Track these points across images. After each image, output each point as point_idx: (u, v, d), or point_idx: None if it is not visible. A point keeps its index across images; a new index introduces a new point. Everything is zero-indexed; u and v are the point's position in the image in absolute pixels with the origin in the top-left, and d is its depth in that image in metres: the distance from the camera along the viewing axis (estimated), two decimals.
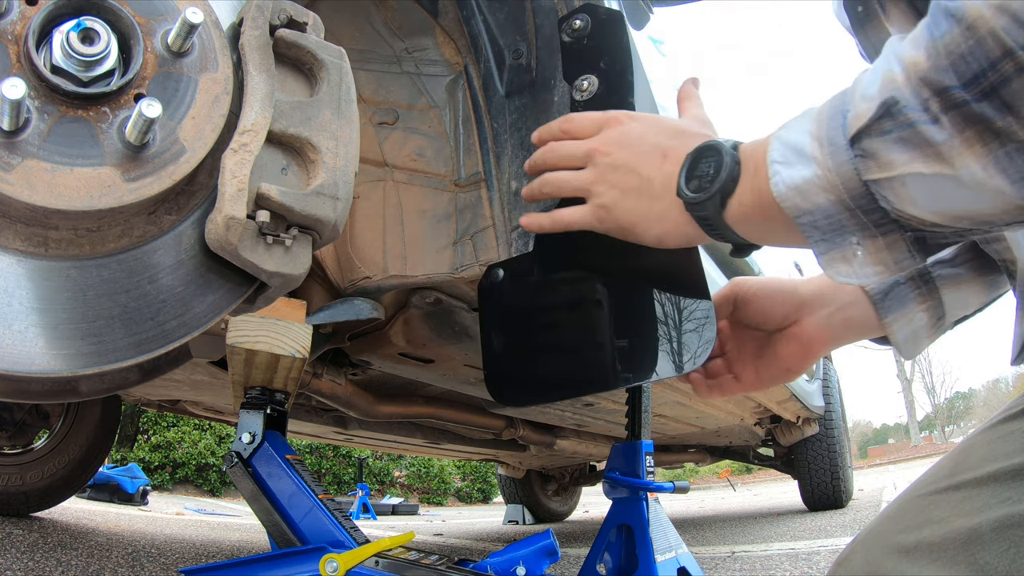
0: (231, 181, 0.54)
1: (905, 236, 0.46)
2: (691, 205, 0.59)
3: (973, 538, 0.41)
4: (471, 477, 12.91)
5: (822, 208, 0.48)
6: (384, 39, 1.07)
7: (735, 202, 0.56)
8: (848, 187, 0.46)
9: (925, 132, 0.42)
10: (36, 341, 0.49)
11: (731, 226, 0.57)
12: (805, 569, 1.67)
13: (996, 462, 0.45)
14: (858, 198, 0.46)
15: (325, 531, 0.93)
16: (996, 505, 0.42)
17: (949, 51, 0.39)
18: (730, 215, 0.56)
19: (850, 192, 0.46)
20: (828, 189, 0.47)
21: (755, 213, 0.54)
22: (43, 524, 2.12)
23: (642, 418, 1.24)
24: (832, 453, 3.32)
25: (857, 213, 0.47)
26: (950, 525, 0.43)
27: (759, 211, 0.54)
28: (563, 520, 4.47)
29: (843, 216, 0.48)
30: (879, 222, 0.46)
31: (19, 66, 0.49)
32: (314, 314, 1.04)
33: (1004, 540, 0.40)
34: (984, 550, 0.40)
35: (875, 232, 0.47)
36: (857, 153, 0.45)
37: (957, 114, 0.40)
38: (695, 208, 0.58)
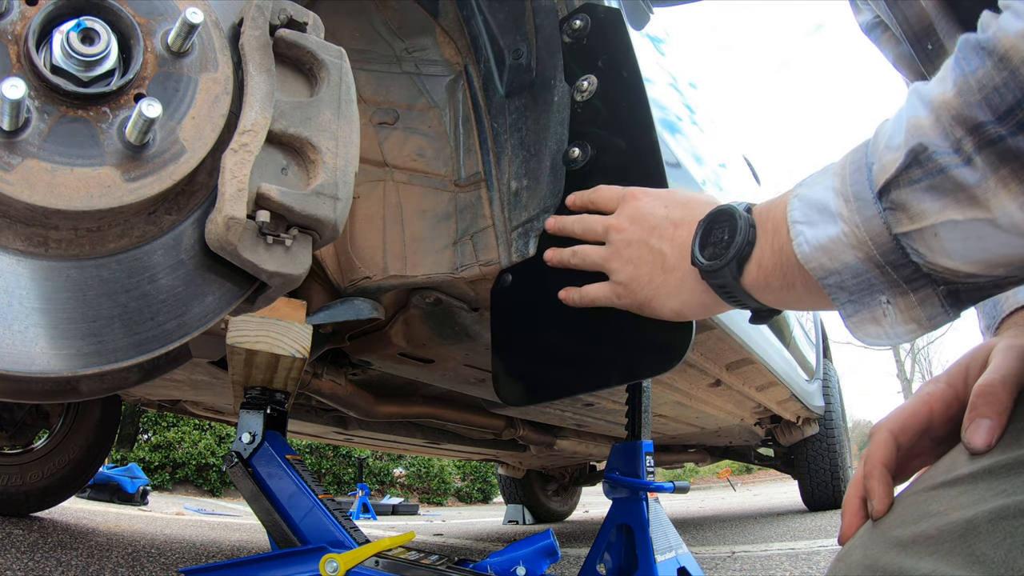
0: (231, 181, 0.54)
1: (938, 290, 0.45)
2: (707, 273, 0.58)
3: (969, 530, 0.41)
4: (471, 477, 12.91)
5: (850, 267, 0.47)
6: (384, 39, 1.07)
7: (753, 267, 0.55)
8: (878, 243, 0.45)
9: (957, 176, 0.40)
10: (36, 341, 0.49)
11: (750, 292, 0.56)
12: (805, 569, 1.67)
13: (991, 457, 0.46)
14: (888, 254, 0.45)
15: (325, 531, 0.93)
16: (991, 497, 0.42)
17: (982, 85, 0.38)
18: (748, 281, 0.55)
19: (880, 248, 0.45)
20: (857, 247, 0.46)
21: (775, 276, 0.53)
22: (43, 524, 2.12)
23: (642, 418, 1.24)
24: (832, 453, 3.32)
25: (887, 270, 0.45)
26: (946, 518, 0.43)
27: (780, 273, 0.53)
28: (563, 520, 4.47)
29: (872, 274, 0.46)
30: (910, 278, 0.45)
31: (19, 66, 0.49)
32: (314, 314, 1.04)
33: (1000, 531, 0.40)
34: (981, 541, 0.40)
35: (906, 289, 0.46)
36: (886, 206, 0.44)
37: (991, 152, 0.39)
38: (711, 276, 0.58)
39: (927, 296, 0.45)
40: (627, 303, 0.69)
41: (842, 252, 0.47)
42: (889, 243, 0.44)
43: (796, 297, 0.53)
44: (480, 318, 1.17)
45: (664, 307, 0.65)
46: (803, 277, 0.50)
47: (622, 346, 0.82)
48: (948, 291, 0.45)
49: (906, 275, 0.45)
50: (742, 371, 1.92)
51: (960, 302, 0.46)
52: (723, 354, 1.69)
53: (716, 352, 1.66)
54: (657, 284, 0.65)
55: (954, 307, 0.46)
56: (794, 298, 0.54)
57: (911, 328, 0.47)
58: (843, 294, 0.48)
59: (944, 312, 0.46)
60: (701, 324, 1.33)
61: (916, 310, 0.46)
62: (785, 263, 0.52)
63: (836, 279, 0.48)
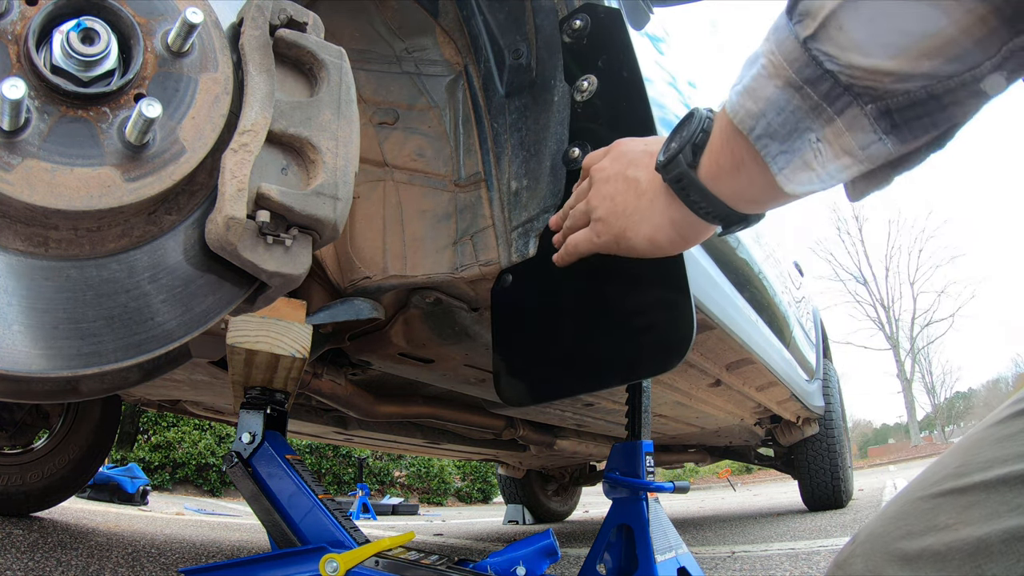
0: (231, 181, 0.54)
1: (866, 110, 0.41)
2: (664, 167, 0.57)
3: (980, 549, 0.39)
4: (471, 477, 12.91)
5: (772, 101, 0.44)
6: (384, 39, 1.07)
7: (706, 156, 0.54)
8: (791, 59, 0.42)
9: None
10: (36, 341, 0.49)
11: (706, 185, 0.55)
12: (805, 569, 1.67)
13: (1006, 465, 0.43)
14: (802, 69, 0.42)
15: (325, 531, 0.93)
16: (1006, 514, 0.40)
17: None
18: (703, 171, 0.55)
19: (794, 65, 0.42)
20: (775, 74, 0.44)
21: (725, 155, 0.52)
22: (43, 524, 2.12)
23: (642, 418, 1.24)
24: (832, 453, 3.32)
25: (806, 91, 0.42)
26: (956, 533, 0.41)
27: (728, 149, 0.51)
28: (563, 520, 4.47)
29: (794, 103, 0.43)
30: (831, 94, 0.42)
31: (19, 66, 0.49)
32: (314, 314, 1.04)
33: (1013, 552, 0.38)
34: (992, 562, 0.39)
35: (830, 113, 0.42)
36: (796, 20, 0.42)
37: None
38: (668, 169, 0.57)
39: (855, 118, 0.42)
40: (606, 240, 0.68)
41: (763, 87, 0.45)
42: (802, 56, 0.42)
43: (747, 178, 0.51)
44: (480, 318, 1.17)
45: (637, 236, 0.64)
46: (746, 144, 0.48)
47: (623, 346, 0.82)
48: (878, 111, 0.41)
49: (825, 91, 0.42)
50: (742, 371, 1.92)
51: (896, 126, 0.42)
52: (723, 354, 1.69)
53: (716, 352, 1.66)
54: (631, 211, 0.64)
55: (891, 133, 0.42)
56: (745, 180, 0.51)
57: (844, 163, 0.44)
58: (773, 144, 0.45)
59: (879, 139, 0.42)
60: (701, 324, 1.33)
61: (845, 137, 0.43)
62: (728, 133, 0.50)
63: (763, 125, 0.45)
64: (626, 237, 0.65)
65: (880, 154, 0.42)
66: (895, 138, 0.42)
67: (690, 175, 0.55)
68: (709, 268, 1.32)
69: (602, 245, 0.69)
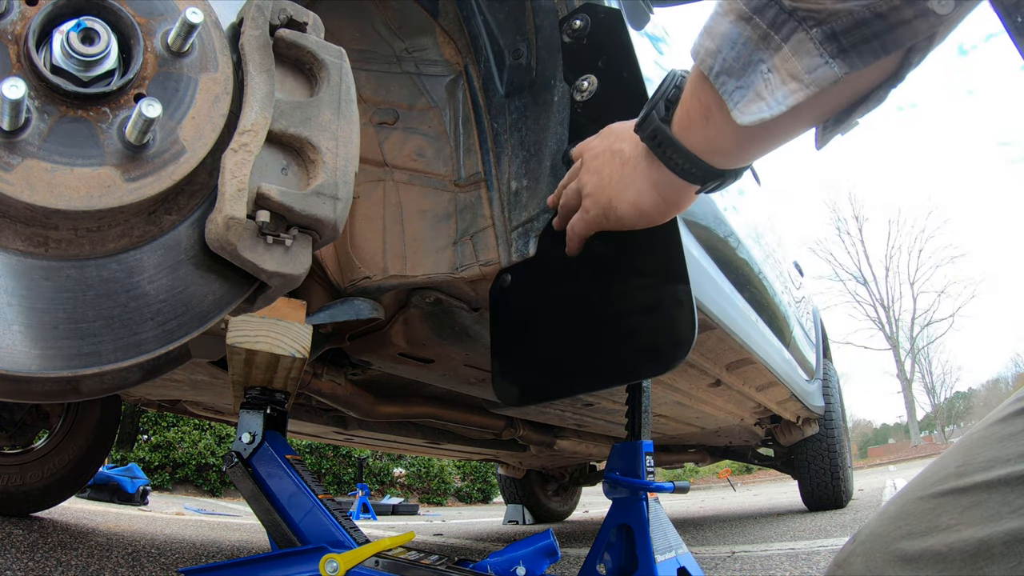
0: (231, 181, 0.54)
1: (812, 34, 0.42)
2: (641, 126, 0.58)
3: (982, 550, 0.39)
4: (471, 477, 12.90)
5: (727, 37, 0.45)
6: (384, 39, 1.07)
7: (679, 110, 0.55)
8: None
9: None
10: (36, 341, 0.49)
11: (679, 139, 0.56)
12: (805, 569, 1.67)
13: (1008, 465, 0.43)
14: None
15: (325, 531, 0.93)
16: (1008, 515, 0.40)
17: None
18: (676, 125, 0.56)
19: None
20: (728, 10, 0.45)
21: (694, 106, 0.52)
22: (43, 524, 2.12)
23: (642, 418, 1.24)
24: (832, 453, 3.32)
25: (755, 21, 0.43)
26: (957, 534, 0.41)
27: (696, 100, 0.52)
28: (563, 520, 4.47)
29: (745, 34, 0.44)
30: (777, 21, 0.42)
31: (19, 66, 0.49)
32: (314, 314, 1.04)
33: (1015, 555, 0.38)
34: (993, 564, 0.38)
35: (778, 40, 0.43)
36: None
37: None
38: (644, 127, 0.58)
39: (800, 43, 0.42)
40: (595, 215, 0.69)
41: (718, 24, 0.46)
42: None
43: (715, 126, 0.52)
44: (480, 318, 1.17)
45: (622, 203, 0.65)
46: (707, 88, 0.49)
47: (623, 346, 0.82)
48: (823, 34, 0.42)
49: (771, 18, 0.43)
50: (742, 371, 1.92)
51: (844, 51, 0.42)
52: (723, 354, 1.69)
53: (716, 352, 1.66)
54: (616, 180, 0.65)
55: (838, 57, 0.42)
56: (714, 128, 0.52)
57: (792, 88, 0.44)
58: (731, 81, 0.46)
59: (825, 63, 0.42)
60: (702, 324, 1.33)
61: (792, 62, 0.43)
62: (695, 83, 0.51)
63: (720, 61, 0.46)
64: (612, 207, 0.66)
65: (827, 77, 0.42)
66: (843, 61, 0.42)
67: (664, 130, 0.56)
68: (709, 268, 1.32)
69: (592, 220, 0.70)
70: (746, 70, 0.45)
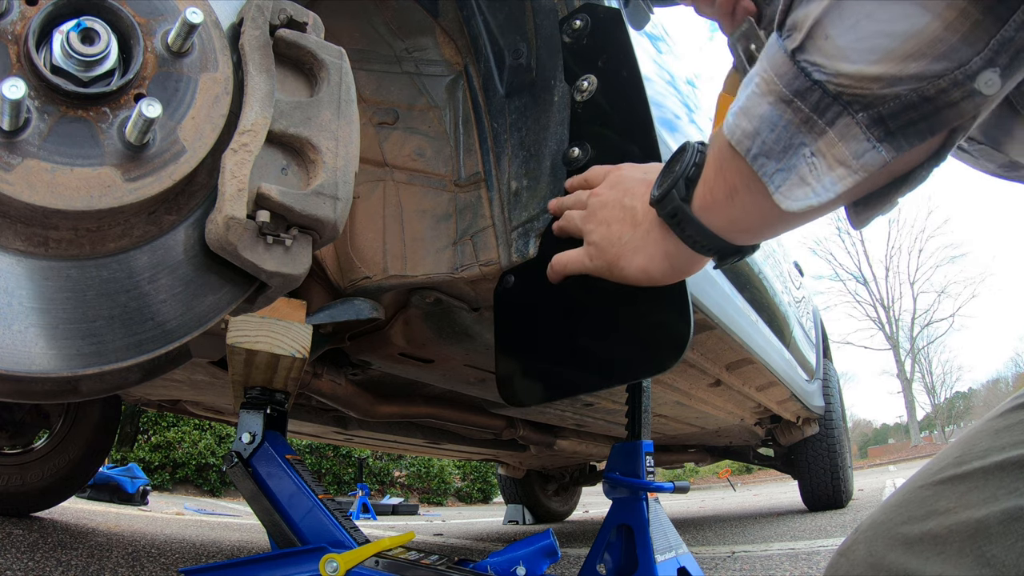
0: (231, 181, 0.54)
1: (858, 118, 0.40)
2: (658, 202, 0.57)
3: (980, 530, 0.40)
4: (471, 477, 12.91)
5: (766, 118, 0.44)
6: (384, 39, 1.07)
7: (700, 188, 0.53)
8: (781, 74, 0.42)
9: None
10: (36, 341, 0.49)
11: (700, 218, 0.54)
12: (805, 569, 1.67)
13: (1003, 452, 0.44)
14: (792, 82, 0.41)
15: (325, 531, 0.93)
16: (1004, 496, 0.41)
17: None
18: (696, 203, 0.54)
19: (784, 79, 0.42)
20: (767, 91, 0.43)
21: (718, 184, 0.51)
22: (43, 524, 2.12)
23: (642, 418, 1.24)
24: (832, 453, 3.32)
25: (797, 104, 0.42)
26: (956, 516, 0.42)
27: (721, 177, 0.50)
28: (563, 520, 4.47)
29: (786, 118, 0.42)
30: (821, 106, 0.41)
31: (19, 66, 0.49)
32: (314, 314, 1.04)
33: (1012, 533, 0.39)
34: (991, 543, 0.39)
35: (822, 125, 0.41)
36: (785, 35, 0.42)
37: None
38: (662, 205, 0.56)
39: (846, 127, 0.41)
40: (598, 265, 0.68)
41: (756, 105, 0.44)
42: (791, 69, 0.41)
43: (740, 205, 0.50)
44: (480, 318, 1.17)
45: (631, 264, 0.64)
46: (738, 170, 0.47)
47: (623, 346, 0.82)
48: (870, 118, 0.40)
49: (815, 103, 0.41)
50: (742, 371, 1.92)
51: (891, 133, 0.40)
52: (723, 354, 1.69)
53: (716, 352, 1.66)
54: (625, 240, 0.64)
55: (885, 140, 0.40)
56: (739, 207, 0.50)
57: (839, 174, 0.42)
58: (770, 163, 0.44)
59: (873, 147, 0.41)
60: (701, 324, 1.33)
61: (838, 147, 0.41)
62: (723, 163, 0.49)
63: (759, 144, 0.44)
64: (619, 266, 0.65)
65: (875, 162, 0.41)
66: (889, 145, 0.40)
67: (684, 209, 0.55)
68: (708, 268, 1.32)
69: (594, 269, 0.70)
70: (787, 153, 0.44)
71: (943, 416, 32.07)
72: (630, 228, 0.64)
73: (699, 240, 0.56)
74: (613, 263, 0.66)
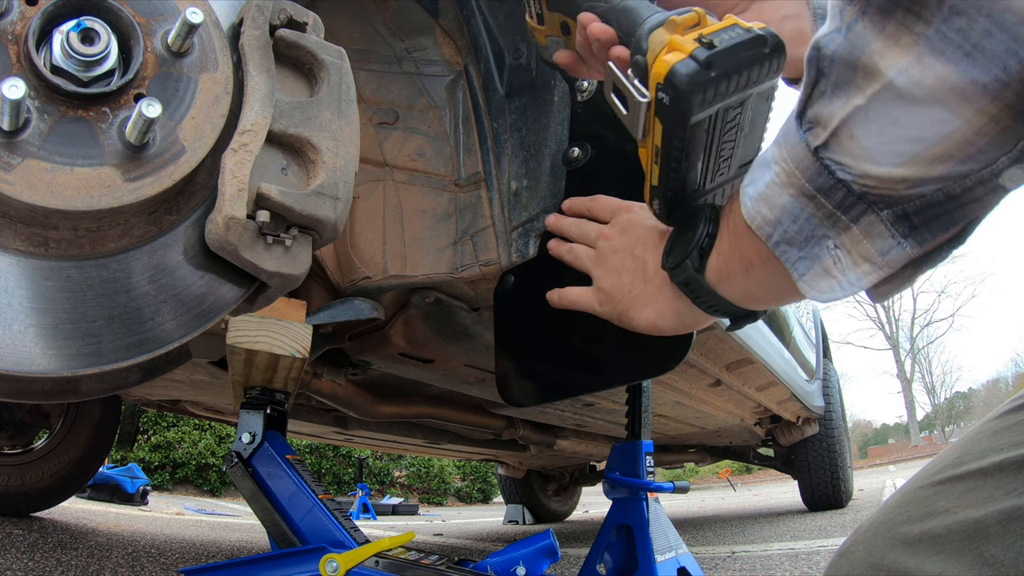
0: (231, 181, 0.54)
1: (882, 216, 0.40)
2: (672, 271, 0.57)
3: (979, 530, 0.40)
4: (471, 477, 12.91)
5: (788, 210, 0.43)
6: (384, 39, 1.07)
7: (714, 257, 0.53)
8: (803, 168, 0.41)
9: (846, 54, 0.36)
10: (36, 341, 0.49)
11: (715, 287, 0.54)
12: (805, 569, 1.67)
13: (1001, 452, 0.44)
14: (815, 178, 0.41)
15: (325, 531, 0.93)
16: (1002, 496, 0.41)
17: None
18: (711, 274, 0.54)
19: (806, 174, 0.41)
20: (788, 183, 0.43)
21: (734, 259, 0.51)
22: (43, 524, 2.12)
23: (642, 418, 1.24)
24: (832, 453, 3.32)
25: (820, 200, 0.41)
26: (955, 516, 0.42)
27: (736, 253, 0.50)
28: (563, 520, 4.47)
29: (808, 211, 0.42)
30: (845, 204, 0.40)
31: (19, 66, 0.49)
32: (314, 314, 1.04)
33: (1011, 533, 0.39)
34: (990, 543, 0.39)
35: (846, 221, 0.41)
36: (806, 128, 0.41)
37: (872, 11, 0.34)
38: (676, 273, 0.56)
39: (871, 225, 0.40)
40: (607, 311, 0.68)
41: (777, 195, 0.43)
42: (813, 165, 0.41)
43: (757, 280, 0.50)
44: (480, 318, 1.17)
45: (640, 317, 0.64)
46: (755, 248, 0.47)
47: (625, 347, 0.82)
48: (895, 215, 0.40)
49: (839, 201, 0.40)
50: (742, 371, 1.92)
51: (915, 229, 0.40)
52: (723, 354, 1.69)
53: (716, 352, 1.66)
54: (636, 293, 0.64)
55: (910, 236, 0.40)
56: (755, 282, 0.50)
57: (865, 270, 0.42)
58: (792, 251, 0.44)
59: (898, 244, 0.40)
60: None
61: (863, 244, 0.41)
62: (739, 238, 0.49)
63: (780, 232, 0.44)
64: (628, 316, 0.65)
65: (900, 258, 0.41)
66: (914, 240, 0.40)
67: (698, 279, 0.55)
68: None
69: (603, 314, 0.70)
70: (809, 242, 0.43)
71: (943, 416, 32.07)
72: (641, 282, 0.64)
73: (713, 305, 0.56)
74: (623, 313, 0.66)
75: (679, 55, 0.49)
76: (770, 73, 0.51)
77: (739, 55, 0.48)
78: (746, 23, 0.50)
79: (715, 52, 0.48)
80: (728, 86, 0.49)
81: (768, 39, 0.49)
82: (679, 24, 0.52)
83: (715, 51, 0.48)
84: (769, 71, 0.50)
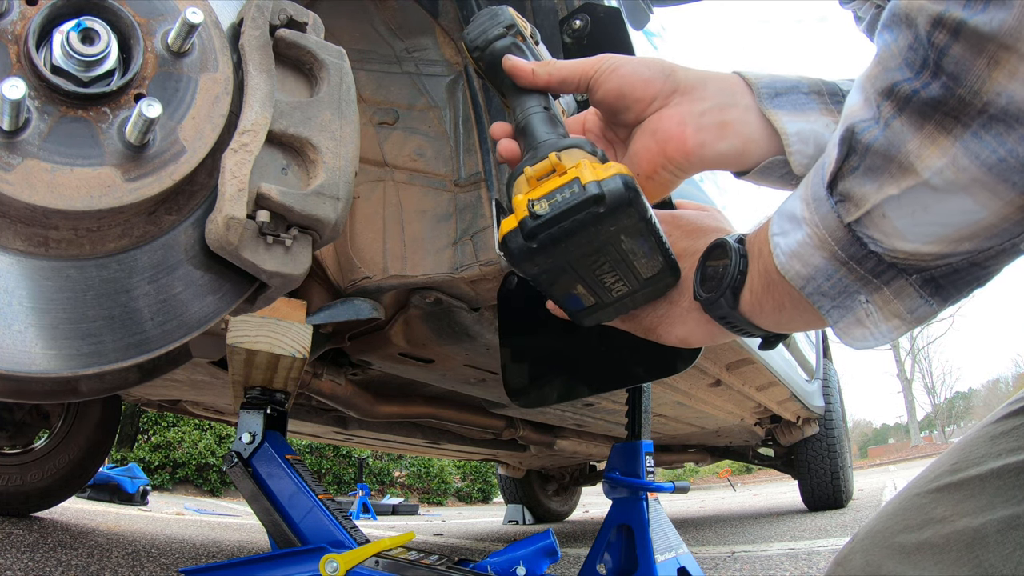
0: (231, 181, 0.54)
1: (911, 280, 0.42)
2: (707, 306, 0.57)
3: (977, 539, 0.40)
4: (471, 477, 12.91)
5: (821, 269, 0.45)
6: (384, 39, 1.07)
7: (746, 294, 0.54)
8: (836, 238, 0.44)
9: (882, 147, 0.38)
10: (36, 341, 0.49)
11: (748, 318, 0.55)
12: (805, 569, 1.67)
13: (999, 459, 0.44)
14: (847, 247, 0.43)
15: (325, 531, 0.93)
16: (1000, 505, 0.41)
17: (900, 49, 0.37)
18: (744, 308, 0.55)
19: (839, 243, 0.44)
20: (820, 246, 0.45)
21: (766, 299, 0.52)
22: (43, 524, 2.12)
23: (642, 418, 1.24)
24: (832, 453, 3.32)
25: (852, 266, 0.44)
26: (953, 525, 0.42)
27: (768, 294, 0.52)
28: (563, 520, 4.47)
29: (841, 273, 0.45)
30: (877, 271, 0.43)
31: (19, 66, 0.49)
32: (314, 314, 1.04)
33: (1009, 542, 0.39)
34: (988, 552, 0.39)
35: (877, 284, 0.44)
36: (837, 199, 0.43)
37: (911, 110, 0.37)
38: (712, 309, 0.57)
39: (901, 288, 0.43)
40: (630, 327, 0.68)
41: (811, 255, 0.45)
42: (846, 236, 0.43)
43: (789, 317, 0.52)
44: (480, 318, 1.17)
45: (669, 335, 0.64)
46: (788, 292, 0.49)
47: (631, 350, 0.82)
48: (923, 280, 0.42)
49: (871, 268, 0.43)
50: (742, 371, 1.92)
51: (942, 289, 0.43)
52: (723, 354, 1.69)
53: (716, 352, 1.66)
54: (662, 313, 0.64)
55: (936, 296, 0.43)
56: (787, 318, 0.53)
57: (894, 325, 0.44)
58: (826, 301, 0.46)
59: (926, 303, 0.43)
60: None
61: (894, 304, 0.44)
62: (771, 282, 0.51)
63: (814, 285, 0.46)
64: (656, 333, 0.65)
65: (927, 315, 0.44)
66: (940, 299, 0.43)
67: (733, 315, 0.56)
68: None
69: (624, 328, 0.69)
70: (842, 296, 0.46)
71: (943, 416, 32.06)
72: (665, 303, 0.63)
73: (746, 331, 0.58)
74: (649, 330, 0.66)
75: (513, 222, 0.49)
76: (611, 229, 0.49)
77: (565, 221, 0.48)
78: (591, 174, 0.48)
79: (539, 223, 0.47)
80: (557, 251, 0.49)
81: (605, 197, 0.47)
82: (530, 177, 0.51)
83: (539, 221, 0.47)
84: (607, 227, 0.49)
